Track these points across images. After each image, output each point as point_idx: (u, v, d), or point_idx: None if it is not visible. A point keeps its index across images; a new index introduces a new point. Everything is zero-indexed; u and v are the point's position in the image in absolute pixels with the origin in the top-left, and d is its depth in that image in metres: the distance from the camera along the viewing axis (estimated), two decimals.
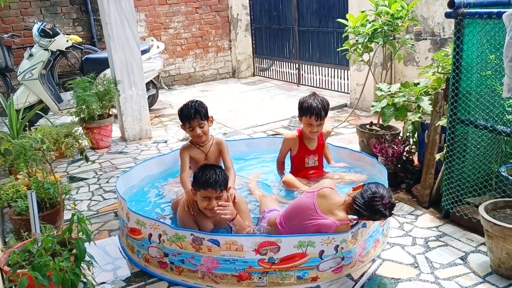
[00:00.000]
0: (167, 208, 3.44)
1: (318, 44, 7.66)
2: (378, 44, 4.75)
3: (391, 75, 6.05)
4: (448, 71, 3.43)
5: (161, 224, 2.71)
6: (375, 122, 4.63)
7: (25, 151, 3.00)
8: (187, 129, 3.32)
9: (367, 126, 4.57)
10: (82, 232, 2.22)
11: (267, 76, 9.16)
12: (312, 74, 8.01)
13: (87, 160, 3.27)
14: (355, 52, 4.87)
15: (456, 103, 3.00)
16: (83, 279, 2.20)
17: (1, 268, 2.42)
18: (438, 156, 3.32)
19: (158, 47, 6.83)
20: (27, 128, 4.49)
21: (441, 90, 3.47)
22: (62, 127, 4.43)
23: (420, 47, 5.64)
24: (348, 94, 6.82)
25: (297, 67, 8.28)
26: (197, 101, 3.34)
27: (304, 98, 3.54)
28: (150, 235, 2.74)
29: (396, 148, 3.77)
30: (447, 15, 2.95)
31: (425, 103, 3.76)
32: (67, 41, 6.15)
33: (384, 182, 3.03)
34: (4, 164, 3.54)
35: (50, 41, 5.89)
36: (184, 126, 3.34)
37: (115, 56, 5.27)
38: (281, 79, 8.78)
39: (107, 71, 5.72)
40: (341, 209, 2.66)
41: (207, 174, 2.81)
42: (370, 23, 4.67)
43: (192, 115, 3.24)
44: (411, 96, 3.92)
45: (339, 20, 5.11)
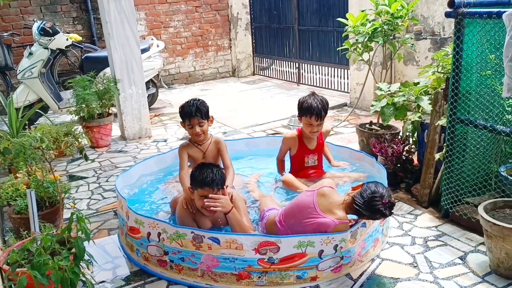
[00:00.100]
0: (166, 206, 3.44)
1: (318, 43, 7.66)
2: (378, 44, 4.75)
3: (391, 74, 6.05)
4: (448, 71, 3.43)
5: (160, 222, 2.70)
6: (374, 121, 4.64)
7: (24, 149, 3.00)
8: (186, 126, 3.32)
9: (367, 126, 4.57)
10: (82, 231, 2.22)
11: (267, 75, 9.15)
12: (312, 73, 8.00)
13: (86, 159, 3.27)
14: (355, 51, 4.87)
15: (455, 102, 3.00)
16: (82, 278, 2.20)
17: (0, 267, 2.42)
18: (437, 155, 3.32)
19: (158, 46, 6.83)
20: (27, 127, 4.49)
21: (440, 89, 3.47)
22: (61, 125, 4.41)
23: (420, 46, 5.64)
24: (348, 93, 6.82)
25: (297, 66, 8.28)
26: (199, 99, 3.34)
27: (304, 98, 3.53)
28: (149, 234, 2.74)
29: (396, 148, 3.77)
30: (447, 15, 2.95)
31: (424, 103, 3.76)
32: (67, 39, 6.15)
33: (383, 181, 3.03)
34: (4, 162, 3.54)
35: (50, 39, 5.89)
36: (184, 124, 3.33)
37: (115, 55, 5.27)
38: (281, 78, 8.77)
39: (107, 70, 5.72)
40: (340, 208, 2.66)
41: (204, 173, 2.81)
42: (370, 22, 4.67)
43: (192, 113, 3.24)
44: (411, 95, 3.92)
45: (339, 19, 5.11)
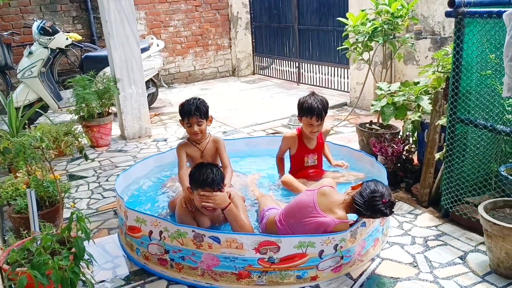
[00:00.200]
0: (164, 206, 3.44)
1: (318, 43, 7.66)
2: (378, 43, 4.74)
3: (391, 74, 6.05)
4: (448, 70, 3.43)
5: (162, 220, 2.71)
6: (375, 121, 4.63)
7: (24, 149, 3.00)
8: (185, 124, 3.32)
9: (367, 125, 4.57)
10: (81, 231, 2.22)
11: (267, 74, 9.15)
12: (312, 72, 8.00)
13: (86, 158, 3.27)
14: (355, 50, 4.87)
15: (456, 102, 3.00)
16: (82, 277, 2.19)
17: (0, 267, 2.42)
18: (437, 155, 3.32)
19: (158, 45, 6.83)
20: (27, 126, 4.49)
21: (441, 89, 3.47)
22: (61, 125, 4.42)
23: (420, 46, 5.64)
24: (348, 93, 6.82)
25: (297, 65, 8.28)
26: (199, 98, 3.34)
27: (304, 98, 3.52)
28: (151, 232, 2.74)
29: (396, 147, 3.77)
30: (447, 14, 2.95)
31: (425, 102, 3.76)
32: (67, 39, 6.14)
33: (383, 181, 3.03)
34: (4, 162, 3.54)
35: (49, 39, 5.88)
36: (183, 122, 3.34)
37: (115, 54, 5.26)
38: (281, 77, 8.77)
39: (107, 69, 5.71)
40: (340, 207, 2.66)
41: (204, 173, 2.81)
42: (370, 21, 4.67)
43: (192, 112, 3.24)
44: (411, 95, 3.92)
45: (339, 18, 5.10)
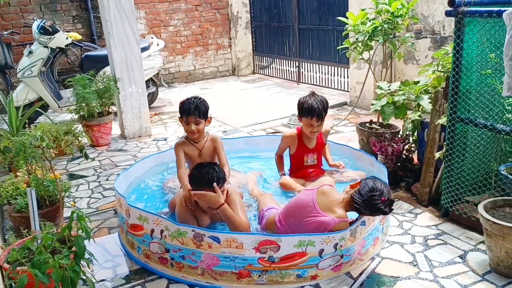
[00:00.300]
0: (165, 205, 3.45)
1: (318, 42, 7.66)
2: (378, 42, 4.75)
3: (391, 73, 6.05)
4: (448, 70, 3.43)
5: (163, 219, 2.71)
6: (375, 120, 4.64)
7: (24, 148, 3.00)
8: (183, 122, 3.33)
9: (367, 125, 4.57)
10: (82, 230, 2.22)
11: (267, 74, 9.15)
12: (312, 72, 8.00)
13: (86, 157, 3.27)
14: (355, 50, 4.87)
15: (456, 101, 3.00)
16: (83, 276, 2.20)
17: (0, 266, 2.43)
18: (437, 154, 3.32)
19: (158, 45, 6.83)
20: (27, 126, 4.49)
21: (441, 88, 3.47)
22: (61, 124, 4.43)
23: (420, 45, 5.64)
24: (348, 92, 6.82)
25: (297, 65, 8.28)
26: (200, 98, 3.34)
27: (304, 98, 3.51)
28: (152, 231, 2.74)
29: (396, 147, 3.77)
30: (448, 14, 2.95)
31: (425, 102, 3.76)
32: (67, 38, 6.14)
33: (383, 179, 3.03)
34: (4, 161, 3.54)
35: (49, 38, 5.88)
36: (181, 119, 3.35)
37: (115, 54, 5.26)
38: (281, 77, 8.77)
39: (107, 69, 5.71)
40: (340, 206, 2.67)
41: (208, 173, 2.82)
42: (370, 21, 4.67)
43: (191, 110, 3.24)
44: (411, 94, 3.92)
45: (339, 18, 5.11)
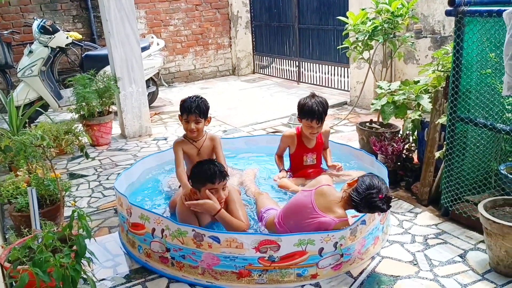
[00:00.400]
0: (165, 204, 3.45)
1: (318, 42, 7.66)
2: (378, 42, 4.75)
3: (391, 73, 6.05)
4: (448, 69, 3.43)
5: (164, 219, 2.71)
6: (375, 120, 4.64)
7: (25, 147, 3.00)
8: (183, 120, 3.34)
9: (367, 124, 4.58)
10: (83, 229, 2.22)
11: (267, 73, 9.15)
12: (312, 71, 8.01)
13: (87, 157, 3.27)
14: (355, 50, 4.88)
15: (456, 101, 3.00)
16: (84, 275, 2.20)
17: (1, 264, 2.43)
18: (437, 154, 3.33)
19: (158, 44, 6.83)
20: (27, 125, 4.49)
21: (441, 88, 3.48)
22: (62, 124, 4.44)
23: (420, 45, 5.65)
24: (348, 92, 6.83)
25: (297, 64, 8.28)
26: (201, 97, 3.36)
27: (305, 100, 3.52)
28: (154, 230, 2.75)
29: (396, 146, 3.77)
30: (448, 13, 2.95)
31: (425, 101, 3.77)
32: (67, 38, 6.14)
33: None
34: (4, 160, 3.55)
35: (50, 37, 5.89)
36: (181, 117, 3.35)
37: (115, 53, 5.27)
38: (281, 76, 8.77)
39: (107, 68, 5.71)
40: (339, 206, 2.67)
41: (210, 168, 2.84)
42: (370, 20, 4.67)
43: (192, 109, 3.25)
44: (411, 94, 3.93)
45: (340, 17, 5.11)
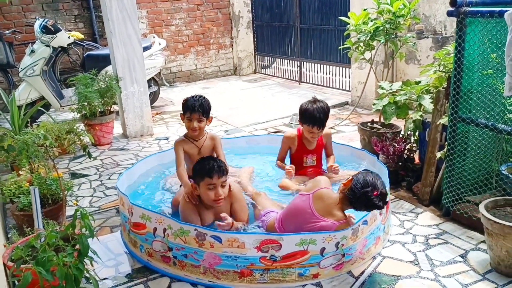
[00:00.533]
0: (166, 204, 3.46)
1: (320, 42, 7.67)
2: (380, 42, 4.76)
3: (392, 73, 6.06)
4: (450, 70, 3.44)
5: (166, 218, 2.73)
6: (376, 120, 4.64)
7: (27, 147, 3.01)
8: (185, 118, 3.36)
9: (369, 124, 4.58)
10: (86, 228, 2.23)
11: (269, 73, 9.16)
12: (314, 71, 8.01)
13: (90, 156, 3.27)
14: (357, 50, 4.88)
15: (457, 101, 3.01)
16: (86, 274, 2.21)
17: (4, 264, 2.44)
18: (439, 154, 3.33)
19: (160, 44, 6.84)
20: (29, 125, 4.50)
21: (442, 88, 3.48)
22: (63, 123, 4.44)
23: (422, 45, 5.65)
24: (350, 92, 6.83)
25: (298, 64, 8.29)
26: (204, 97, 3.39)
27: (306, 105, 3.53)
28: (155, 229, 2.76)
29: (397, 146, 3.78)
30: (449, 14, 2.96)
31: (426, 102, 3.77)
32: (69, 37, 6.16)
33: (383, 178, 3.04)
34: (6, 160, 3.56)
35: (51, 37, 5.89)
36: (183, 116, 3.37)
37: (117, 53, 5.28)
38: (282, 76, 8.78)
39: (109, 68, 5.73)
40: (338, 208, 2.67)
41: (209, 163, 2.86)
42: (372, 21, 4.68)
43: (195, 107, 3.29)
44: (413, 94, 3.93)
45: (341, 18, 5.11)
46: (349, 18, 4.87)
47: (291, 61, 8.51)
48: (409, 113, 3.95)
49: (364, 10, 4.79)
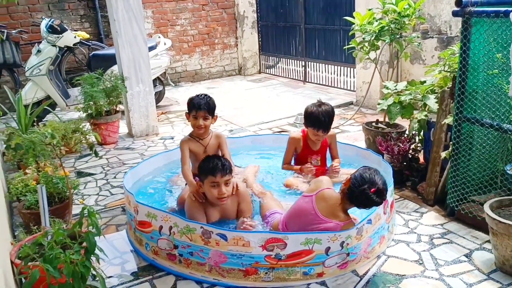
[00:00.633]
0: (172, 202, 3.47)
1: (325, 42, 7.67)
2: (385, 42, 4.75)
3: (397, 73, 6.05)
4: (455, 70, 3.44)
5: (172, 216, 2.74)
6: (381, 120, 4.65)
7: (34, 145, 3.04)
8: (191, 116, 3.38)
9: (373, 124, 4.58)
10: (92, 226, 2.25)
11: (273, 73, 9.17)
12: (318, 71, 8.01)
13: (96, 155, 3.30)
14: (362, 50, 4.88)
15: (462, 101, 3.01)
16: (93, 271, 2.23)
17: (12, 261, 2.46)
18: (443, 154, 3.33)
19: (165, 44, 6.86)
20: (35, 124, 4.53)
21: (447, 88, 3.48)
22: (69, 122, 4.47)
23: (427, 45, 5.64)
24: (354, 92, 6.83)
25: (303, 64, 8.29)
26: (209, 96, 3.42)
27: (311, 108, 3.55)
28: (161, 227, 2.77)
29: (402, 146, 3.78)
30: (454, 14, 2.96)
31: (431, 101, 3.77)
32: (75, 37, 6.19)
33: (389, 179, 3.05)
34: (13, 158, 3.59)
35: (58, 37, 5.93)
36: (189, 114, 3.39)
37: (123, 53, 5.30)
38: (287, 76, 8.79)
39: (115, 68, 5.75)
40: (340, 208, 2.68)
41: (213, 161, 2.89)
42: (377, 21, 4.68)
43: (201, 105, 3.31)
44: (417, 94, 3.93)
45: (346, 18, 5.12)
46: (354, 18, 4.88)
47: (295, 61, 8.51)
48: (414, 113, 3.95)
49: (369, 10, 4.79)
